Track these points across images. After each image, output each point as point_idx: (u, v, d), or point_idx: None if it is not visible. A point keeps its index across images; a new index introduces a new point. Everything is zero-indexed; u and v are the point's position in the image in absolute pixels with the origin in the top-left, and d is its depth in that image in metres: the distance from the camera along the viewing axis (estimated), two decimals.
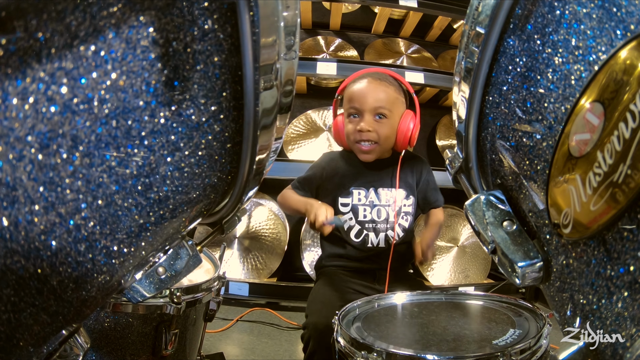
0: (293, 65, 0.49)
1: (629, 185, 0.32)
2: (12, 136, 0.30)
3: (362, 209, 1.28)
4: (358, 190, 1.28)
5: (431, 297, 0.91)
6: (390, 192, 1.29)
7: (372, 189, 1.28)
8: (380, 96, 1.23)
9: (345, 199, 1.28)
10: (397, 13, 2.68)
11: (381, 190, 1.29)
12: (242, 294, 2.10)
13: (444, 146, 2.64)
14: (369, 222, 1.28)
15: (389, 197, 1.29)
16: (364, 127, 1.22)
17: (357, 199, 1.28)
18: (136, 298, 0.52)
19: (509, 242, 0.52)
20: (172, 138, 0.43)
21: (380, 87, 1.24)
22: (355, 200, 1.28)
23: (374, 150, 1.26)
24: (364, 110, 1.23)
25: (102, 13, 0.34)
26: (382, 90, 1.24)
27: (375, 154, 1.27)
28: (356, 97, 1.24)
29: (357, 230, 1.28)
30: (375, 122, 1.23)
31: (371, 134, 1.22)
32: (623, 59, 0.35)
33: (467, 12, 0.54)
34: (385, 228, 1.28)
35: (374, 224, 1.28)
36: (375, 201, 1.28)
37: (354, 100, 1.25)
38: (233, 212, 0.63)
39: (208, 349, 1.56)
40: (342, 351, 0.70)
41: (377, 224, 1.28)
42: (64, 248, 0.36)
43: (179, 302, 0.89)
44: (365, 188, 1.28)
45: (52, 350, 0.45)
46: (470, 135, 0.58)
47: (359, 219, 1.28)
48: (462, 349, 0.65)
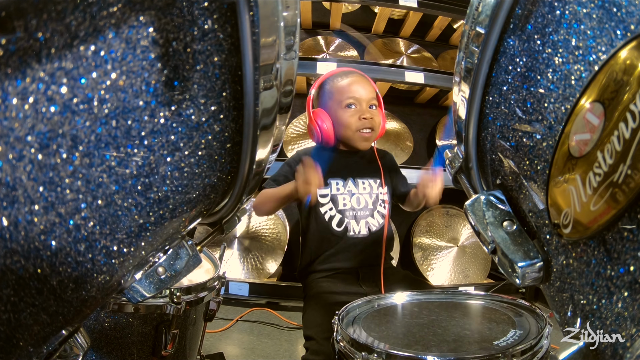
0: (293, 65, 0.49)
1: (629, 185, 0.32)
2: (12, 136, 0.30)
3: (341, 197, 1.33)
4: (335, 180, 1.34)
5: (431, 297, 0.91)
6: (367, 181, 1.36)
7: (349, 178, 1.35)
8: (370, 89, 1.34)
9: (324, 190, 1.32)
10: (397, 13, 2.68)
11: (358, 180, 1.35)
12: (242, 294, 2.10)
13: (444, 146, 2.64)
14: (349, 210, 1.32)
15: (365, 185, 1.35)
16: (368, 116, 1.29)
17: (335, 189, 1.33)
18: (136, 298, 0.52)
19: (509, 242, 0.52)
20: (172, 138, 0.43)
21: (367, 81, 1.36)
22: (334, 190, 1.33)
23: (372, 138, 1.33)
24: (362, 101, 1.31)
25: (102, 13, 0.34)
26: (369, 84, 1.35)
27: (371, 141, 1.35)
28: (353, 89, 1.31)
29: (338, 219, 1.31)
30: (372, 111, 1.32)
31: (374, 121, 1.31)
32: (623, 59, 0.35)
33: (467, 12, 0.54)
34: (365, 215, 1.33)
35: (353, 211, 1.32)
36: (353, 190, 1.34)
37: (351, 92, 1.31)
38: (233, 212, 0.63)
39: (208, 349, 1.56)
40: (342, 351, 0.69)
41: (357, 212, 1.32)
42: (64, 248, 0.36)
43: (179, 302, 0.89)
44: (342, 178, 1.34)
45: (52, 350, 0.45)
46: (470, 135, 0.58)
47: (339, 207, 1.32)
48: (462, 350, 0.65)
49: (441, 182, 1.22)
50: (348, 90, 1.31)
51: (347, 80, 1.33)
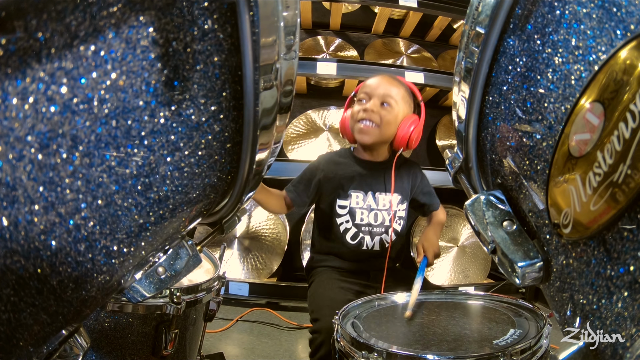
0: (293, 65, 0.49)
1: (629, 185, 0.32)
2: (12, 136, 0.30)
3: (359, 212, 1.31)
4: (356, 193, 1.31)
5: (431, 297, 0.91)
6: (387, 196, 1.32)
7: (370, 192, 1.32)
8: (391, 88, 1.30)
9: (343, 202, 1.31)
10: (397, 13, 2.68)
11: (378, 195, 1.32)
12: (242, 294, 2.10)
13: (444, 146, 2.64)
14: (365, 226, 1.31)
15: (385, 201, 1.32)
16: (369, 107, 1.28)
17: (355, 202, 1.31)
18: (136, 298, 0.52)
19: (509, 242, 0.52)
20: (172, 138, 0.43)
21: (393, 82, 1.33)
22: (353, 203, 1.31)
23: (373, 133, 1.28)
24: (373, 96, 1.29)
25: (102, 13, 0.34)
26: (394, 85, 1.32)
27: (373, 137, 1.29)
28: (369, 85, 1.32)
29: (353, 232, 1.31)
30: (381, 108, 1.28)
31: (374, 114, 1.27)
32: (623, 59, 0.35)
33: (467, 12, 0.54)
34: (380, 232, 1.32)
35: (370, 227, 1.31)
36: (372, 205, 1.32)
37: (366, 87, 1.32)
38: (233, 212, 0.63)
39: (208, 349, 1.56)
40: (343, 351, 0.69)
41: (373, 228, 1.31)
42: (64, 248, 0.36)
43: (179, 302, 0.89)
44: (363, 191, 1.32)
45: (52, 350, 0.45)
46: (470, 135, 0.58)
47: (356, 222, 1.31)
48: (462, 349, 0.65)
49: (433, 255, 1.27)
50: (364, 86, 1.33)
51: (370, 80, 1.35)
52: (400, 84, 1.34)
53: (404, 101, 1.32)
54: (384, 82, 1.31)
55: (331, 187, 1.32)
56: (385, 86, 1.30)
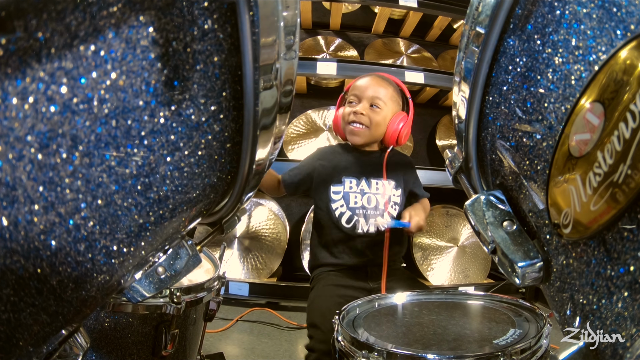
0: (293, 65, 0.49)
1: (629, 185, 0.32)
2: (12, 136, 0.30)
3: (352, 196, 1.37)
4: (349, 179, 1.38)
5: (431, 297, 0.91)
6: (380, 182, 1.39)
7: (363, 178, 1.39)
8: (379, 90, 1.38)
9: (337, 187, 1.38)
10: (397, 13, 2.68)
11: (372, 180, 1.39)
12: (242, 294, 2.10)
13: (444, 146, 2.64)
14: (359, 209, 1.36)
15: (378, 186, 1.38)
16: (358, 110, 1.36)
17: (348, 187, 1.38)
18: (136, 298, 0.52)
19: (509, 242, 0.52)
20: (171, 138, 0.43)
21: (382, 83, 1.40)
22: (346, 188, 1.38)
23: (364, 134, 1.37)
24: (362, 98, 1.37)
25: (102, 13, 0.34)
26: (382, 86, 1.39)
27: (364, 138, 1.38)
28: (358, 87, 1.40)
29: (348, 216, 1.35)
30: (370, 110, 1.36)
31: (364, 117, 1.35)
32: (623, 59, 0.35)
33: (467, 12, 0.54)
34: (374, 214, 1.36)
35: (364, 210, 1.36)
36: (365, 189, 1.38)
37: (355, 89, 1.40)
38: (233, 212, 0.63)
39: (208, 349, 1.56)
40: (343, 351, 0.69)
41: (367, 210, 1.36)
42: (64, 248, 0.36)
43: (179, 302, 0.89)
44: (356, 177, 1.39)
45: (52, 350, 0.45)
46: (470, 135, 0.58)
47: (350, 205, 1.36)
48: (462, 349, 0.65)
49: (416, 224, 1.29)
50: (353, 87, 1.41)
51: (359, 81, 1.41)
52: (389, 83, 1.41)
53: (393, 100, 1.39)
54: (373, 84, 1.38)
55: (326, 174, 1.40)
56: (374, 88, 1.37)
